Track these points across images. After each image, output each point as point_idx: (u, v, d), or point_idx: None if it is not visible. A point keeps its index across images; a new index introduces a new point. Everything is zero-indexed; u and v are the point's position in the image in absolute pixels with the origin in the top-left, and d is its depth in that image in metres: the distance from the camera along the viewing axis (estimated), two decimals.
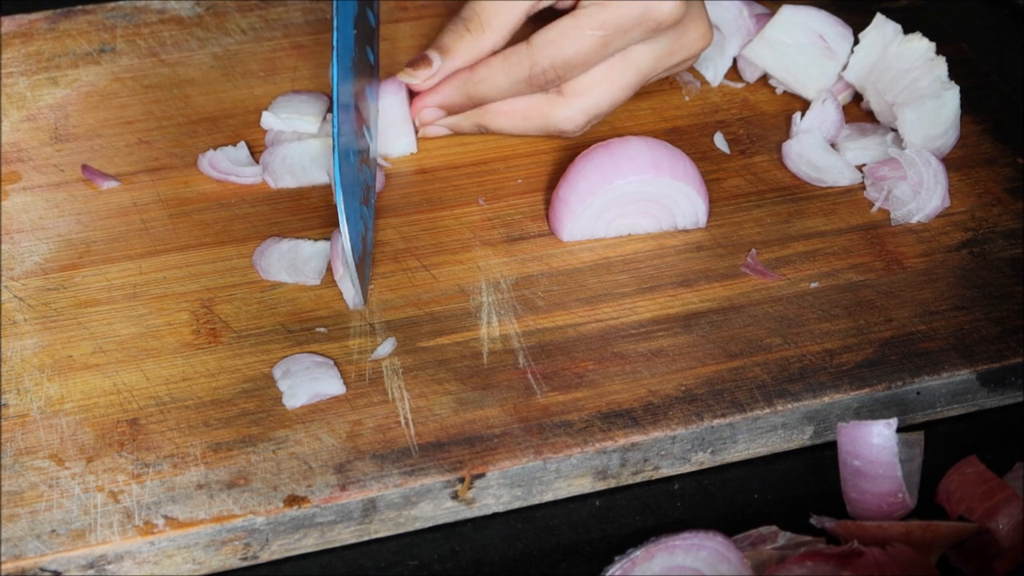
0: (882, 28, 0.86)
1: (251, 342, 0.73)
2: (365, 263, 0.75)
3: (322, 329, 0.74)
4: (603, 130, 0.86)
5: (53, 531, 0.65)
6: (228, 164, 0.83)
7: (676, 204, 0.79)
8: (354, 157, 0.76)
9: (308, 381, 0.71)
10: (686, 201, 0.79)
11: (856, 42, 0.87)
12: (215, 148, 0.84)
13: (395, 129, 0.84)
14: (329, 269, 0.77)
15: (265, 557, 0.67)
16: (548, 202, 0.81)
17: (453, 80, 0.82)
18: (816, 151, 0.85)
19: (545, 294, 0.76)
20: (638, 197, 0.78)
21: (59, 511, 0.66)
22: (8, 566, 0.64)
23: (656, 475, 0.71)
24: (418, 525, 0.69)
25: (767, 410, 0.71)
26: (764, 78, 0.90)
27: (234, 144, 0.84)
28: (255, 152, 0.84)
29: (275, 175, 0.82)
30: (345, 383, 0.71)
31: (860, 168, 0.84)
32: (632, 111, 0.87)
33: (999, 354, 0.74)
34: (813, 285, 0.77)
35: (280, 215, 0.81)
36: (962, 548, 0.67)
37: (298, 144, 0.84)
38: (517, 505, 0.70)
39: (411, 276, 0.77)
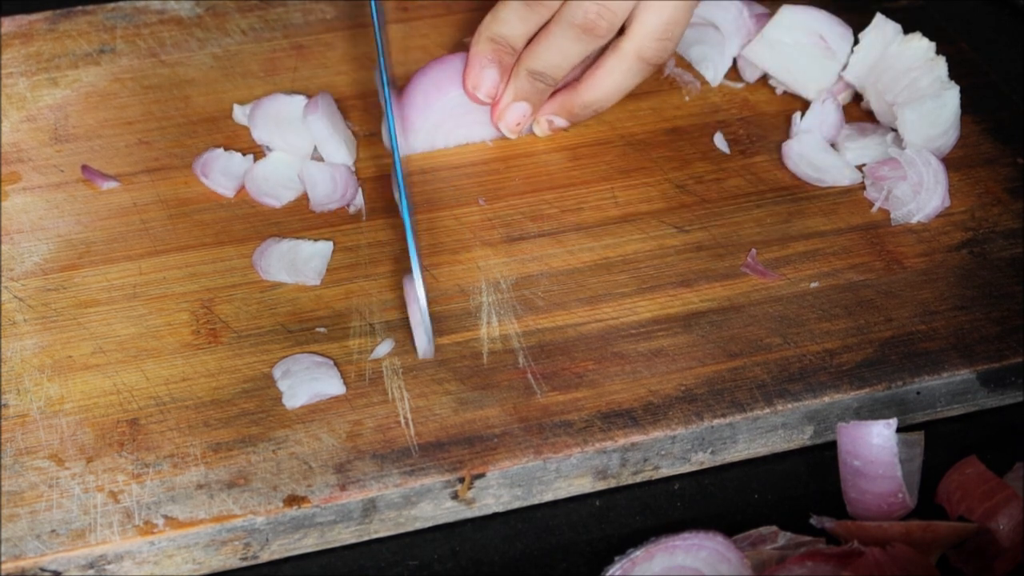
0: (882, 28, 0.86)
1: (251, 342, 0.73)
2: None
3: (322, 329, 0.74)
4: (603, 130, 0.86)
5: (53, 531, 0.65)
6: (216, 175, 0.82)
7: None
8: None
9: (308, 381, 0.71)
10: None
11: (856, 42, 0.87)
12: (214, 148, 0.84)
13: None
14: (331, 269, 0.77)
15: (265, 557, 0.67)
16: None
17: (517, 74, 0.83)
18: (816, 151, 0.85)
19: (545, 294, 0.76)
20: (473, 107, 0.82)
21: (59, 511, 0.66)
22: (8, 566, 0.64)
23: (656, 475, 0.71)
24: (418, 525, 0.69)
25: (767, 410, 0.71)
26: (764, 78, 0.90)
27: (234, 146, 0.84)
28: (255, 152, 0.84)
29: (257, 192, 0.82)
30: (345, 383, 0.71)
31: (860, 168, 0.84)
32: (632, 111, 0.87)
33: (999, 354, 0.74)
34: (813, 285, 0.77)
35: (280, 215, 0.81)
36: (962, 548, 0.67)
37: (276, 161, 0.83)
38: (517, 505, 0.70)
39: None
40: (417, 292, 0.72)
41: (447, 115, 0.83)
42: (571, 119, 0.85)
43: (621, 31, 0.83)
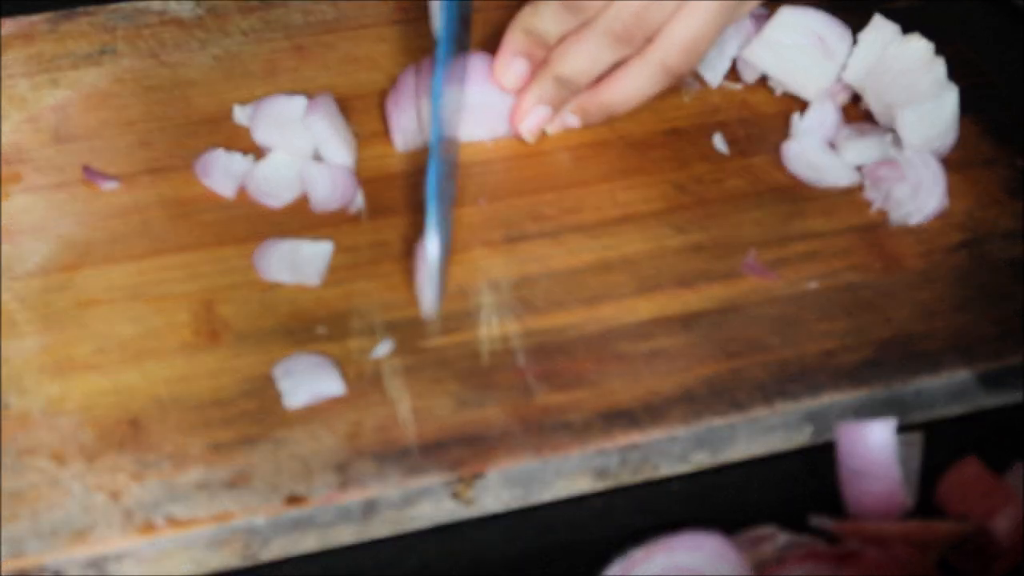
0: (881, 29, 0.86)
1: (251, 342, 0.73)
2: (444, 270, 0.75)
3: (322, 329, 0.74)
4: (603, 130, 0.86)
5: (53, 531, 0.65)
6: (217, 175, 0.82)
7: (506, 110, 0.83)
8: (442, 159, 0.77)
9: (308, 381, 0.71)
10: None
11: (855, 43, 0.87)
12: (214, 149, 0.84)
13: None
14: (332, 269, 0.77)
15: (265, 557, 0.67)
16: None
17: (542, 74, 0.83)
18: (815, 152, 0.85)
19: (545, 294, 0.76)
20: (472, 106, 0.82)
21: (59, 511, 0.66)
22: (8, 566, 0.64)
23: (656, 475, 0.71)
24: (418, 525, 0.69)
25: (766, 410, 0.71)
26: (763, 79, 0.90)
27: (234, 147, 0.84)
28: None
29: (257, 192, 0.82)
30: (345, 383, 0.71)
31: (859, 169, 0.84)
32: (632, 112, 0.87)
33: (998, 354, 0.74)
34: (812, 285, 0.77)
35: (280, 215, 0.81)
36: (962, 548, 0.67)
37: (277, 162, 0.83)
38: (517, 505, 0.70)
39: (411, 276, 0.77)
40: (428, 249, 0.73)
41: None
42: (585, 119, 0.85)
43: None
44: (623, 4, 0.81)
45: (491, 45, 0.86)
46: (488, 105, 0.84)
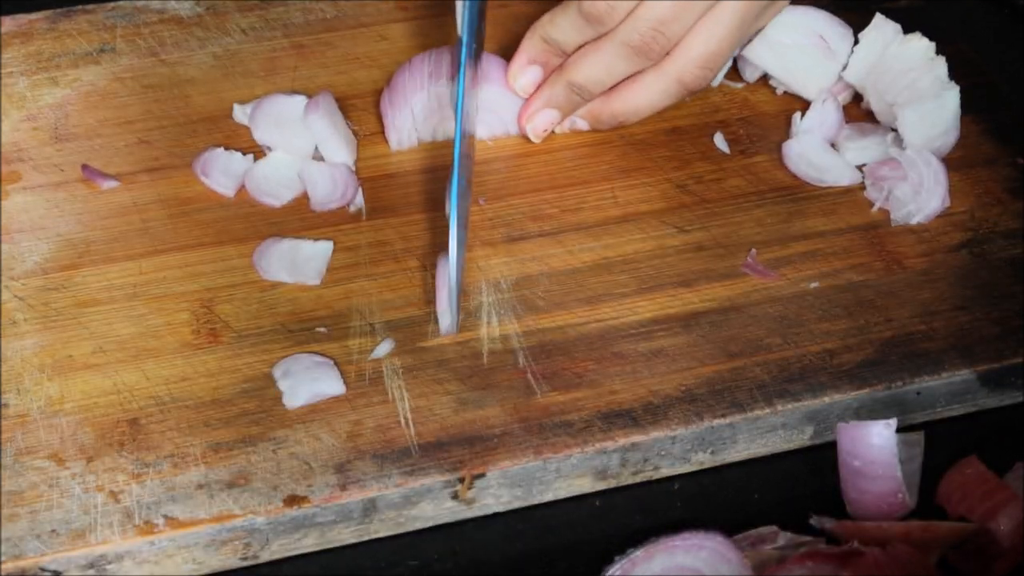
0: (882, 28, 0.86)
1: (251, 342, 0.73)
2: (460, 287, 0.75)
3: (322, 329, 0.74)
4: (603, 130, 0.86)
5: (53, 531, 0.65)
6: (217, 175, 0.82)
7: (505, 109, 0.83)
8: (465, 178, 0.77)
9: (308, 381, 0.71)
10: (514, 106, 0.83)
11: (856, 42, 0.87)
12: (214, 148, 0.84)
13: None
14: (332, 269, 0.77)
15: (265, 557, 0.67)
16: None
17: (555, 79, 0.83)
18: (816, 151, 0.85)
19: (545, 294, 0.76)
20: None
21: (59, 511, 0.66)
22: (8, 566, 0.64)
23: (656, 475, 0.71)
24: (418, 525, 0.69)
25: (767, 410, 0.71)
26: (764, 78, 0.90)
27: (234, 146, 0.84)
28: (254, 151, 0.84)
29: (257, 191, 0.82)
30: (345, 383, 0.71)
31: (860, 168, 0.84)
32: None
33: (999, 354, 0.74)
34: (813, 285, 0.77)
35: (280, 215, 0.81)
36: (962, 548, 0.67)
37: (276, 161, 0.83)
38: (517, 505, 0.70)
39: (411, 276, 0.77)
40: (450, 266, 0.72)
41: (433, 110, 0.83)
42: (595, 125, 0.85)
43: None
44: (642, 18, 0.80)
45: (490, 43, 0.86)
46: (489, 105, 0.84)
